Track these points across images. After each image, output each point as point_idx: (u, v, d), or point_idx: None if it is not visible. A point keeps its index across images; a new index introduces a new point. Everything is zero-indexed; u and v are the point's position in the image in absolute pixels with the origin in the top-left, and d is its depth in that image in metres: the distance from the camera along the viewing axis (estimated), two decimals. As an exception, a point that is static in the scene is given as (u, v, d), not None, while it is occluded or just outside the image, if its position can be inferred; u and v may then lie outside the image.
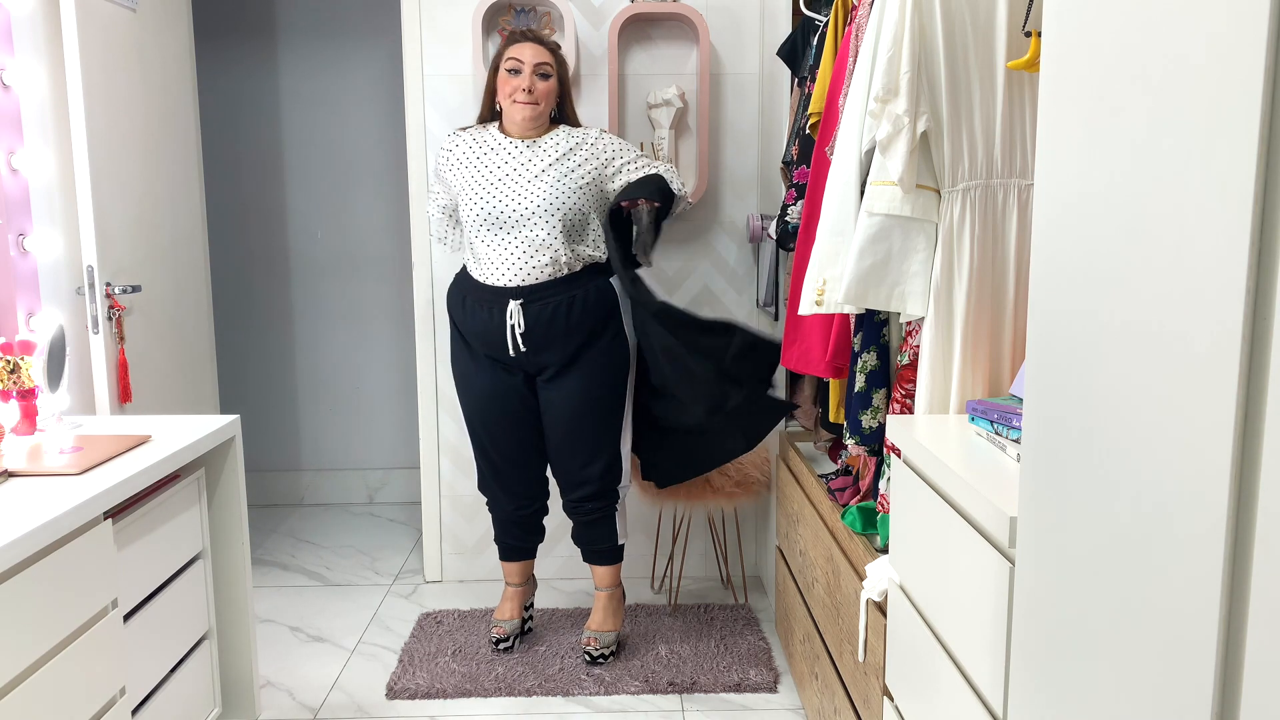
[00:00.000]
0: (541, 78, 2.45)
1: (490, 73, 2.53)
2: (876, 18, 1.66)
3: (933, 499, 1.38)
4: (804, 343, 2.12)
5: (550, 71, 2.47)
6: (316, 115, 3.88)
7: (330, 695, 2.52)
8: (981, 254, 1.65)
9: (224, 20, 3.82)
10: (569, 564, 3.23)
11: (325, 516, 3.94)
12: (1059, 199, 0.90)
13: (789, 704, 2.45)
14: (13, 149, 2.29)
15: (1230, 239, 0.63)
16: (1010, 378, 1.68)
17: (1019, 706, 1.01)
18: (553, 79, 2.47)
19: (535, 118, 2.47)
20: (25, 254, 2.33)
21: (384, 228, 3.95)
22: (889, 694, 1.62)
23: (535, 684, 2.51)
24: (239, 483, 2.13)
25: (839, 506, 2.07)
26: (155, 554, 1.88)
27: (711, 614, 2.93)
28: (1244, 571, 0.63)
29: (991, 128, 1.64)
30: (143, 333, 2.61)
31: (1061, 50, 0.89)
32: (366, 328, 4.01)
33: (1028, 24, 1.55)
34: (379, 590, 3.19)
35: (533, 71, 2.43)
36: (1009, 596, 1.12)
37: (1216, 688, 0.66)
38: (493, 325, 2.47)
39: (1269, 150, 0.61)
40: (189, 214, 2.95)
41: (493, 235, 2.46)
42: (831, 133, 1.92)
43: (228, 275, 3.91)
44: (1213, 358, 0.65)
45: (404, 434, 4.03)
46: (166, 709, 1.92)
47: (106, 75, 2.44)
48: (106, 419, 2.19)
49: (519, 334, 2.44)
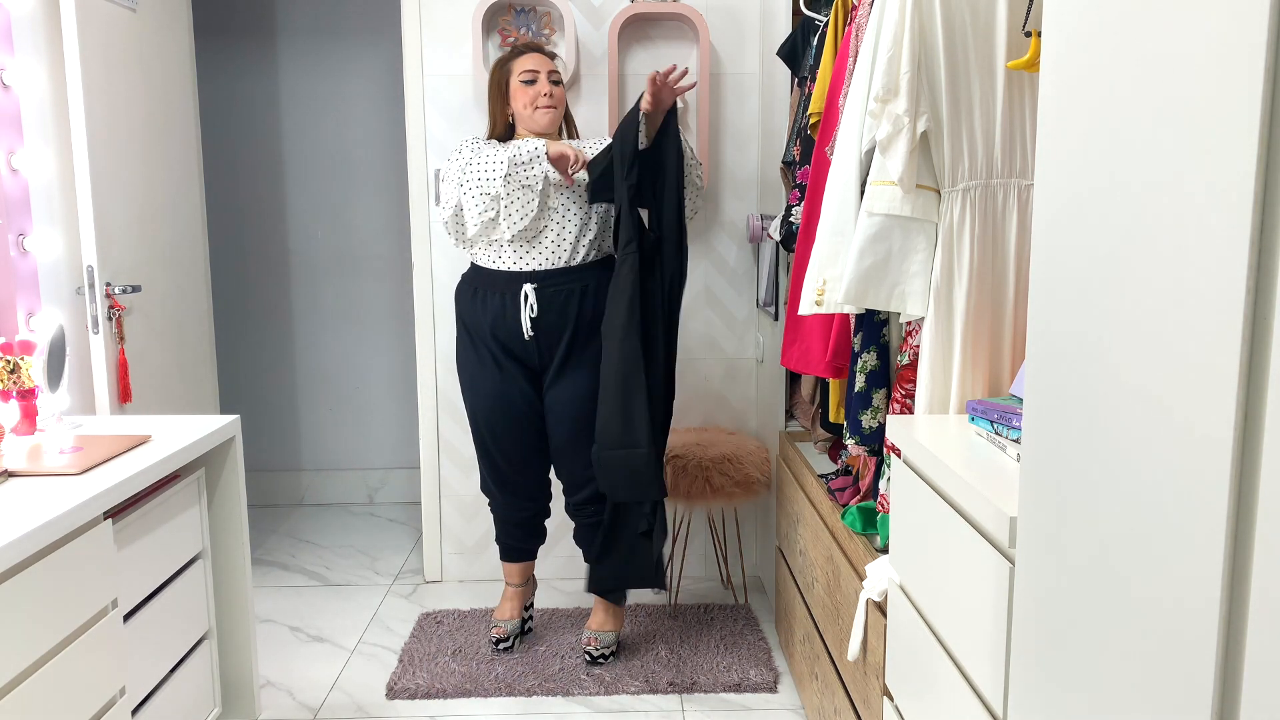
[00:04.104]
0: (555, 84, 2.52)
1: (495, 90, 2.56)
2: (876, 18, 1.66)
3: (933, 499, 1.38)
4: (804, 343, 2.12)
5: (560, 78, 2.55)
6: (316, 115, 3.88)
7: (330, 695, 2.52)
8: (981, 254, 1.65)
9: (224, 20, 3.82)
10: (569, 564, 3.23)
11: (325, 516, 3.94)
12: (1059, 199, 0.90)
13: (789, 704, 2.45)
14: (13, 149, 2.29)
15: (1230, 239, 0.63)
16: (1010, 378, 1.68)
17: (1019, 706, 1.01)
18: (562, 85, 2.56)
19: (555, 122, 2.54)
20: (25, 254, 2.33)
21: (384, 228, 3.95)
22: (889, 694, 1.62)
23: (535, 684, 2.51)
24: (239, 483, 2.13)
25: (839, 506, 2.07)
26: (155, 554, 1.88)
27: (711, 614, 2.93)
28: (1244, 571, 0.63)
29: (991, 128, 1.64)
30: (143, 333, 2.61)
31: (1061, 50, 0.89)
32: (366, 328, 4.01)
33: (1028, 24, 1.55)
34: (379, 590, 3.19)
35: (548, 79, 2.51)
36: (1009, 596, 1.12)
37: (1216, 687, 0.66)
38: (506, 310, 2.48)
39: (1269, 150, 0.61)
40: (189, 214, 2.95)
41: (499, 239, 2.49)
42: (831, 133, 1.92)
43: (228, 275, 3.91)
44: (1213, 357, 0.65)
45: (404, 434, 4.04)
46: (166, 709, 1.92)
47: (106, 75, 2.44)
48: (106, 419, 2.19)
49: (531, 318, 2.46)
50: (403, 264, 3.93)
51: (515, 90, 2.52)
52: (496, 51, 3.02)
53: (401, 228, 3.91)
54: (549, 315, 2.48)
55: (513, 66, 2.52)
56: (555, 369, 2.53)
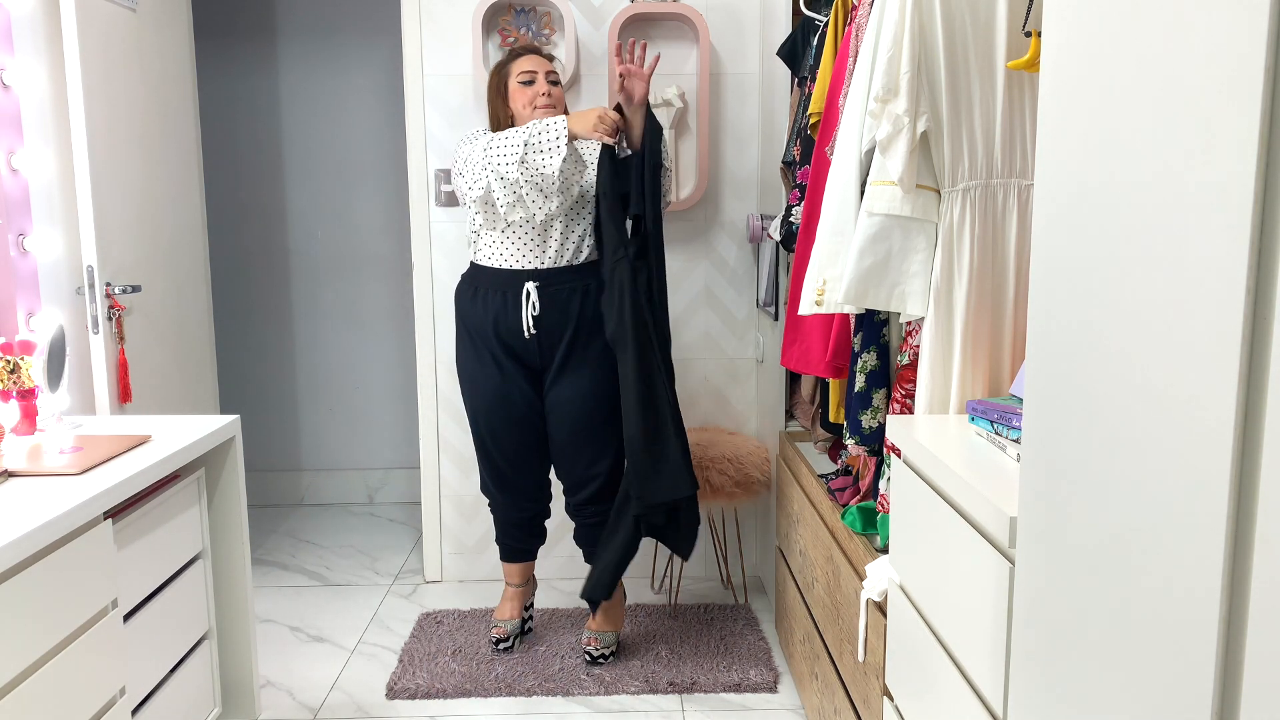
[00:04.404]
0: (553, 84, 2.53)
1: (494, 92, 2.58)
2: (876, 18, 1.66)
3: (933, 499, 1.38)
4: (804, 343, 2.12)
5: (558, 79, 2.56)
6: (316, 115, 3.88)
7: (330, 695, 2.52)
8: (981, 254, 1.65)
9: (224, 20, 3.82)
10: (569, 564, 3.23)
11: (325, 516, 3.94)
12: (1059, 199, 0.90)
13: (789, 704, 2.45)
14: (13, 149, 2.29)
15: (1230, 239, 0.63)
16: (1010, 378, 1.68)
17: (1019, 706, 1.01)
18: (560, 86, 2.56)
19: None
20: (25, 254, 2.33)
21: (384, 228, 3.95)
22: (889, 694, 1.62)
23: (535, 684, 2.51)
24: (239, 483, 2.13)
25: (839, 506, 2.07)
26: (155, 554, 1.88)
27: (711, 614, 2.93)
28: (1244, 571, 0.63)
29: (991, 128, 1.64)
30: (143, 333, 2.61)
31: (1061, 50, 0.89)
32: (366, 328, 4.01)
33: (1028, 24, 1.55)
34: (379, 590, 3.19)
35: (545, 79, 2.52)
36: (1009, 596, 1.12)
37: (1216, 688, 0.66)
38: (507, 309, 2.49)
39: (1269, 150, 0.61)
40: (189, 214, 2.95)
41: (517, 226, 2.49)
42: (831, 133, 1.92)
43: (228, 275, 3.91)
44: (1213, 357, 0.65)
45: (404, 434, 4.03)
46: (166, 709, 1.92)
47: (106, 75, 2.44)
48: (106, 419, 2.19)
49: (533, 316, 2.47)
50: (403, 264, 3.93)
51: (514, 91, 2.53)
52: (496, 51, 3.02)
53: (401, 228, 3.91)
54: (551, 314, 2.48)
55: (511, 68, 2.54)
56: (556, 369, 2.53)
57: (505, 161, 2.36)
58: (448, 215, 3.09)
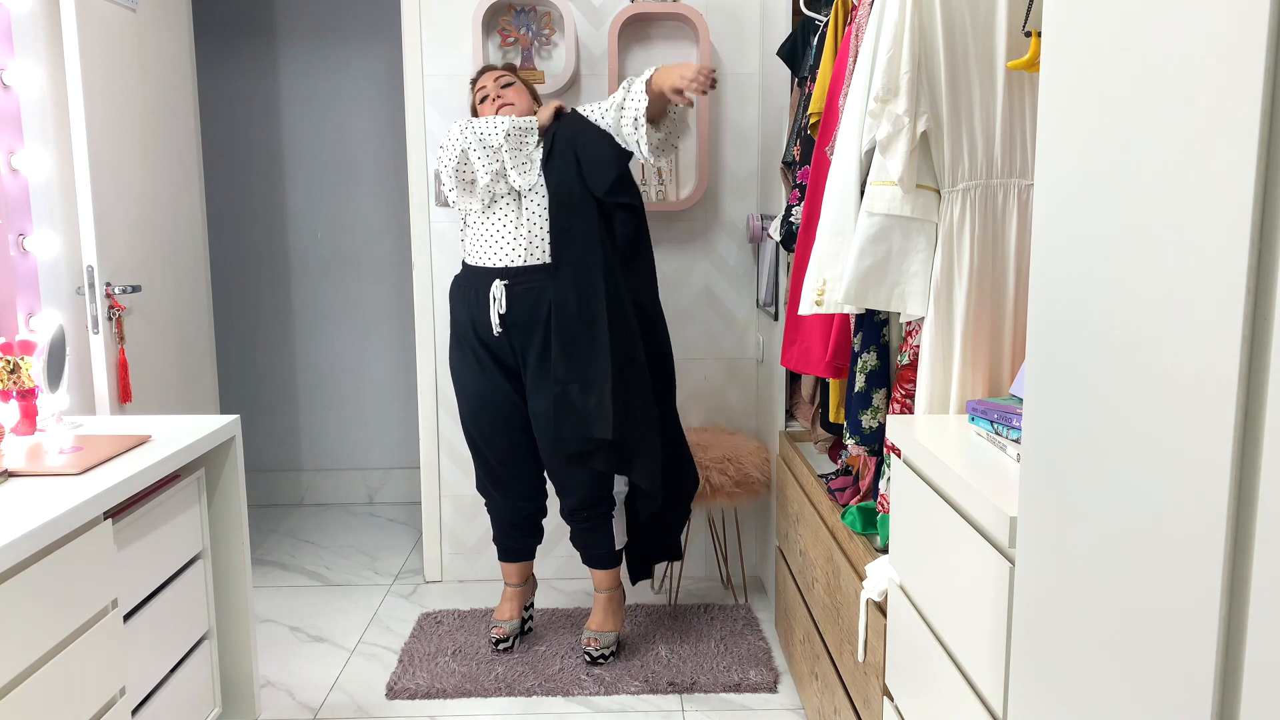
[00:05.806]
0: (504, 86, 2.61)
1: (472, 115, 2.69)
2: (876, 18, 1.66)
3: (933, 499, 1.38)
4: (804, 343, 2.12)
5: (511, 80, 2.63)
6: (316, 115, 3.88)
7: (330, 695, 2.52)
8: (981, 254, 1.65)
9: (224, 20, 3.82)
10: (569, 564, 3.23)
11: (325, 516, 3.94)
12: (1059, 198, 0.90)
13: (789, 704, 2.45)
14: (13, 149, 2.29)
15: (1230, 239, 0.63)
16: (1010, 378, 1.68)
17: (1019, 706, 1.01)
18: (516, 84, 2.62)
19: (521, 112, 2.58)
20: (25, 254, 2.33)
21: (384, 228, 3.95)
22: (889, 694, 1.62)
23: (535, 684, 2.51)
24: (239, 483, 2.13)
25: (839, 506, 2.07)
26: (155, 554, 1.88)
27: (711, 614, 2.93)
28: (1244, 571, 0.63)
29: (991, 128, 1.64)
30: (143, 333, 2.61)
31: (1061, 50, 0.89)
32: (366, 328, 4.01)
33: (1028, 24, 1.55)
34: (379, 590, 3.19)
35: (496, 84, 2.60)
36: (1009, 596, 1.12)
37: (1216, 687, 0.66)
38: (481, 306, 2.51)
39: (1269, 150, 0.61)
40: (189, 214, 2.95)
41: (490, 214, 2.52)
42: (831, 133, 1.92)
43: (228, 275, 3.91)
44: (1213, 357, 0.65)
45: (404, 434, 4.04)
46: (166, 709, 1.92)
47: (106, 75, 2.44)
48: (106, 419, 2.19)
49: (500, 314, 2.49)
50: (403, 264, 3.93)
51: (481, 111, 2.63)
52: (497, 51, 3.02)
53: (401, 228, 3.91)
54: (519, 312, 2.48)
55: (474, 95, 2.65)
56: (532, 374, 2.52)
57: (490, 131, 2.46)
58: (447, 215, 3.09)
